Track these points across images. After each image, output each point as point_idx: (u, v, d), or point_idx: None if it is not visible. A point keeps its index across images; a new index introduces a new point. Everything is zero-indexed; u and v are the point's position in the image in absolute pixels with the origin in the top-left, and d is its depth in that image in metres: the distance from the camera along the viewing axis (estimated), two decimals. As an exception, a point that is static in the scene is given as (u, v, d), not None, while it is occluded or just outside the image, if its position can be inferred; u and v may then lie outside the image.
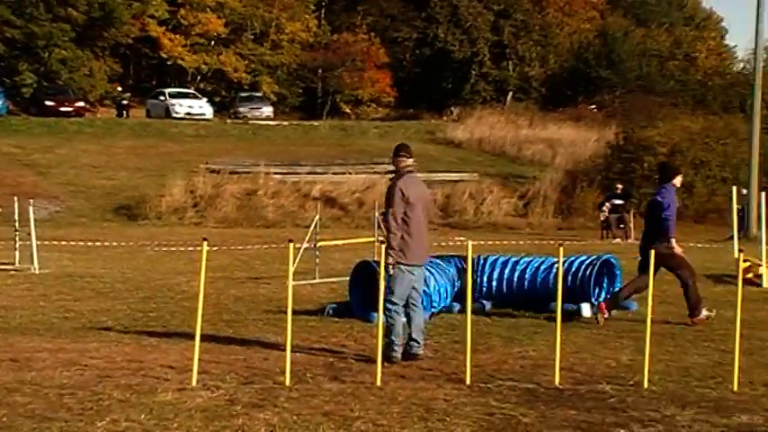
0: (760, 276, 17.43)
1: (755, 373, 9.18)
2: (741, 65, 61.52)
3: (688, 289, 12.91)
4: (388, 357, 9.57)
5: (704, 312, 12.88)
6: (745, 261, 16.56)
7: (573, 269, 13.58)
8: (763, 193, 20.55)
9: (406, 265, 9.86)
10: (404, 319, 10.09)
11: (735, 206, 22.83)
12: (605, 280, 14.17)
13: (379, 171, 38.61)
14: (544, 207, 39.48)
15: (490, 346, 10.77)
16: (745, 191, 32.36)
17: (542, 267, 13.96)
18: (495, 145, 50.32)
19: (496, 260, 14.42)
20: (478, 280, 13.96)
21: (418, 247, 10.05)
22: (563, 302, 9.83)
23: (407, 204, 9.99)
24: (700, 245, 28.38)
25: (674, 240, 12.84)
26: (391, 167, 11.10)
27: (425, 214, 10.28)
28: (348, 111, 65.13)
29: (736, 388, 8.50)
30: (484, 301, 13.84)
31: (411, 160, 10.37)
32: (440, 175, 41.27)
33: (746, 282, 16.46)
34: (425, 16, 66.56)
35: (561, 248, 9.05)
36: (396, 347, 9.87)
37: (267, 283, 17.08)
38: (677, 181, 13.30)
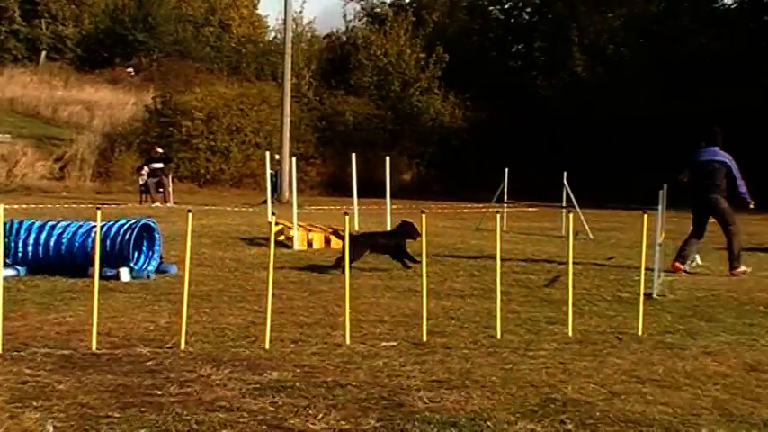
0: (291, 239, 18.28)
1: (285, 331, 9.65)
2: (273, 34, 63.70)
3: (732, 243, 14.56)
4: None
5: (742, 267, 14.44)
6: (277, 224, 17.37)
7: (112, 233, 13.49)
8: (294, 159, 21.52)
9: None
10: None
11: (268, 171, 23.80)
12: (145, 244, 14.21)
13: None
14: (81, 170, 38.88)
15: (24, 313, 10.45)
16: (277, 156, 33.78)
17: (80, 232, 13.75)
18: (28, 106, 48.65)
19: (32, 225, 13.99)
20: (12, 245, 13.49)
21: None
22: (102, 267, 9.76)
23: None
24: (236, 209, 29.26)
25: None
26: None
27: None
28: None
29: (267, 346, 8.88)
30: (18, 267, 13.41)
31: None
32: (-32, 136, 39.25)
33: (278, 244, 17.26)
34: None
35: (99, 212, 8.96)
36: None
37: None
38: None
